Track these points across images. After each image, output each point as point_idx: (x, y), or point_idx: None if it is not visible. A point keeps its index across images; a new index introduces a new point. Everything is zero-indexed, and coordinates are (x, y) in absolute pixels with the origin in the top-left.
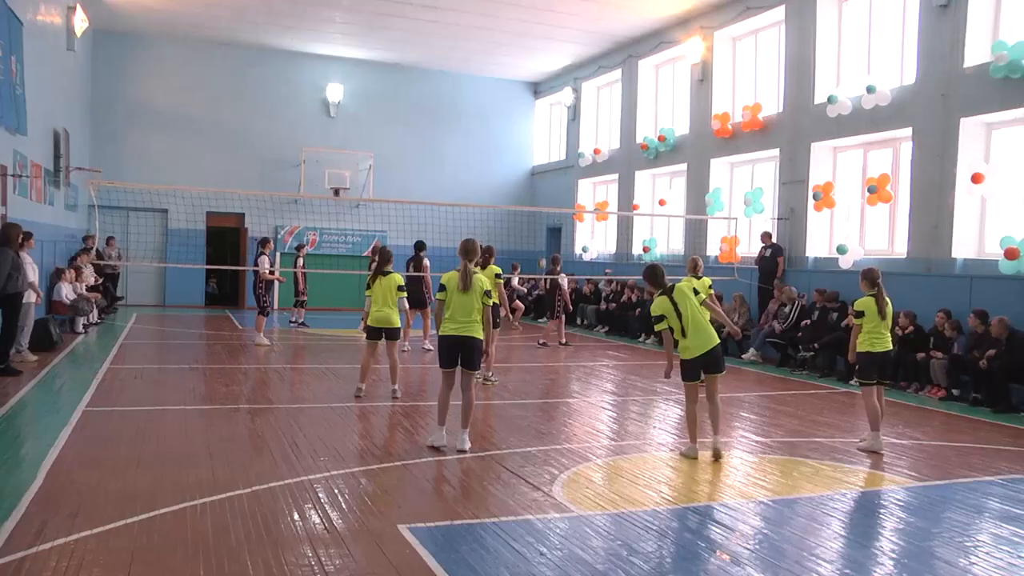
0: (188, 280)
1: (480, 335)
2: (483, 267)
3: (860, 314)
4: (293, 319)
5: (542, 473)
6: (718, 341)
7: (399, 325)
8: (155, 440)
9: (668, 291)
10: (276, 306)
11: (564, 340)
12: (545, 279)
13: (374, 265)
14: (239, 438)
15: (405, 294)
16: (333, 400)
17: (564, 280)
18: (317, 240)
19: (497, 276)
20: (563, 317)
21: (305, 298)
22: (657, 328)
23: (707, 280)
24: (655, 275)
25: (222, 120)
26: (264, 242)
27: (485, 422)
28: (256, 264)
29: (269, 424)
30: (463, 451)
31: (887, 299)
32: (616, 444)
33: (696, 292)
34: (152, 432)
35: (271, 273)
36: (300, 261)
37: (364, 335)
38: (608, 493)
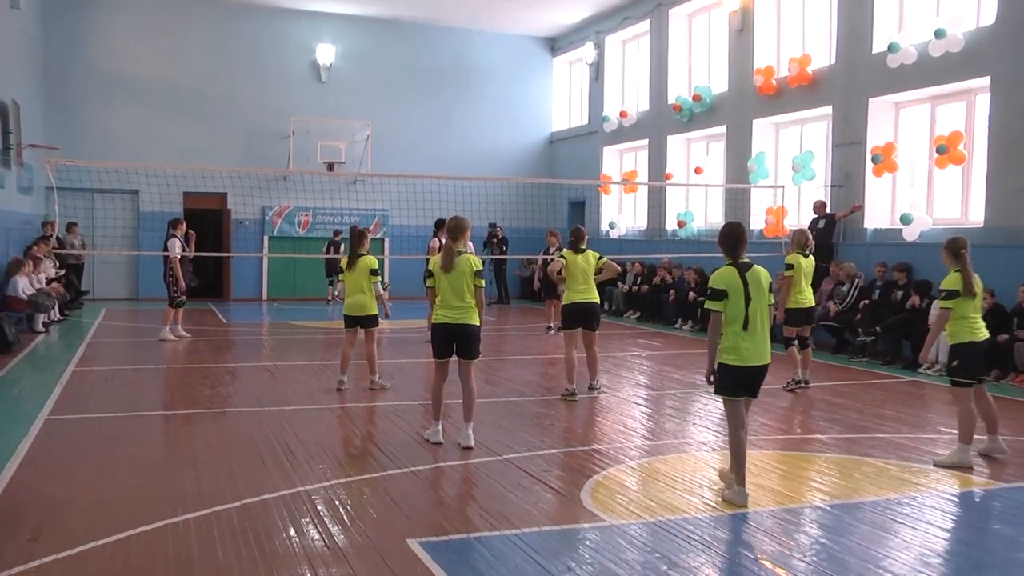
0: (164, 270)
1: (476, 321)
2: (573, 249)
3: (953, 294)
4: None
5: (568, 478)
6: (769, 361)
7: (375, 312)
8: (130, 450)
9: (743, 267)
10: (267, 295)
11: (551, 324)
12: (543, 258)
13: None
14: (226, 445)
15: (379, 278)
16: (331, 400)
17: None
18: (310, 221)
19: (599, 258)
20: (551, 299)
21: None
22: (708, 306)
23: (812, 261)
24: (734, 238)
25: (199, 88)
26: (176, 223)
27: (503, 421)
28: (166, 248)
29: (260, 428)
30: (468, 448)
31: (974, 273)
32: (651, 444)
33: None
34: (126, 441)
35: (181, 260)
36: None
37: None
38: (643, 499)
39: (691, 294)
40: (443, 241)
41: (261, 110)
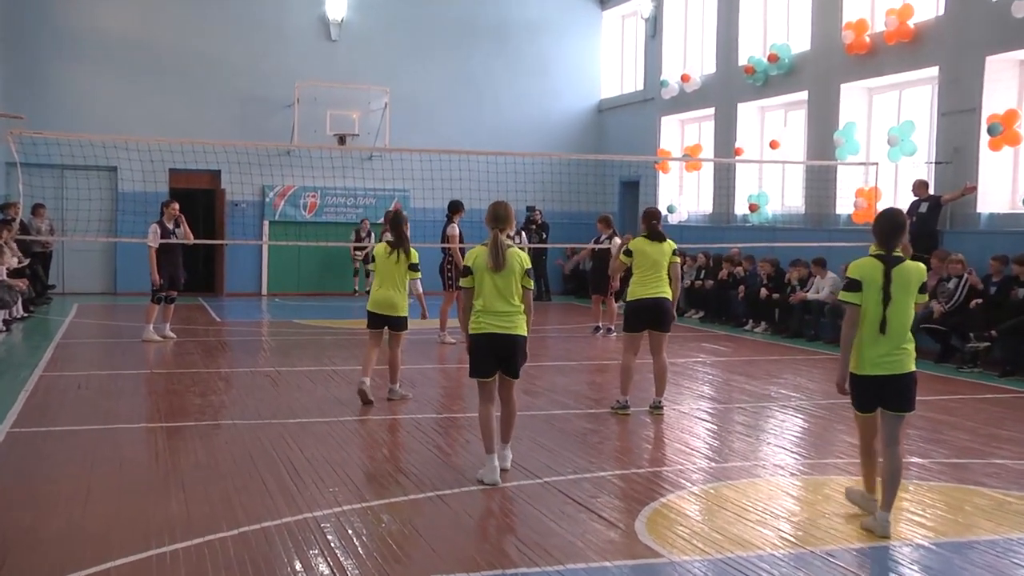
0: (146, 259)
1: (525, 331)
2: (651, 237)
3: None
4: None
5: (620, 505)
6: (911, 369)
7: (406, 314)
8: (108, 468)
9: (890, 261)
10: (267, 290)
11: (600, 324)
12: (594, 248)
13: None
14: (221, 463)
15: (419, 274)
16: (343, 412)
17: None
18: (317, 204)
19: (674, 252)
20: (610, 295)
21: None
22: (841, 297)
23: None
24: (890, 226)
25: (188, 49)
26: (166, 204)
27: (543, 438)
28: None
29: (260, 444)
30: (504, 469)
31: None
32: (718, 467)
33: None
34: (104, 458)
35: (156, 249)
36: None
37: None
38: (708, 531)
39: (764, 290)
40: (450, 228)
41: (260, 74)
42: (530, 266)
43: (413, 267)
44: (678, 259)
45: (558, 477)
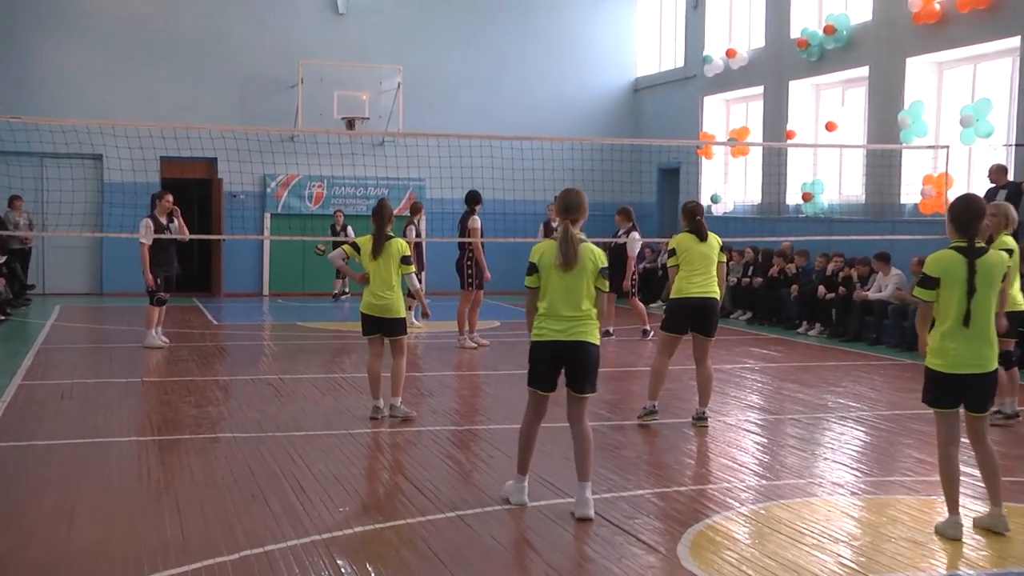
0: (136, 257)
1: (596, 338)
2: (695, 233)
3: None
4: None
5: (661, 527)
6: (994, 367)
7: (404, 315)
8: (95, 486)
9: (973, 252)
10: (269, 290)
11: (610, 329)
12: (612, 242)
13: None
14: (218, 481)
15: (412, 269)
16: (353, 424)
17: (636, 242)
18: (324, 195)
19: (722, 249)
20: (633, 295)
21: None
22: (915, 293)
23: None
24: (969, 214)
25: (181, 26)
26: (158, 196)
27: (572, 453)
28: (143, 231)
29: (261, 459)
30: (587, 518)
31: None
32: (768, 484)
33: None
34: (90, 475)
35: (147, 245)
36: (413, 230)
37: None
38: (759, 556)
39: (821, 288)
40: (471, 222)
41: (260, 52)
42: (605, 264)
43: (405, 260)
44: (725, 257)
45: (591, 496)
